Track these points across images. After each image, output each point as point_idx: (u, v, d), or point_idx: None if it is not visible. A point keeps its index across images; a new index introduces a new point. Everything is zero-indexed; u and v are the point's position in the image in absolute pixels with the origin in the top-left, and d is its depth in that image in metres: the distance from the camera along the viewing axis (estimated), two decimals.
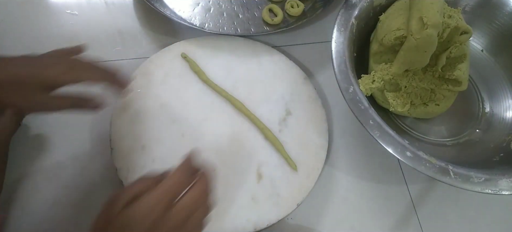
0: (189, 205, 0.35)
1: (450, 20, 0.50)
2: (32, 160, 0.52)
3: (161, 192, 0.33)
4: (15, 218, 0.48)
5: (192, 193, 0.35)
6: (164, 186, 0.34)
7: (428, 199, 0.55)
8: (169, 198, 0.34)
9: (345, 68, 0.50)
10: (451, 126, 0.59)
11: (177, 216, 0.34)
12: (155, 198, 0.33)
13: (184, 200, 0.35)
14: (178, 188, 0.35)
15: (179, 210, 0.34)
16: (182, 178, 0.35)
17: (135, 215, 0.33)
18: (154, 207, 0.33)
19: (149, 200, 0.33)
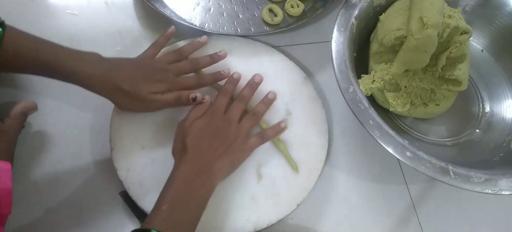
0: (248, 120, 0.50)
1: (450, 20, 0.50)
2: (32, 160, 0.52)
3: (223, 93, 0.52)
4: (15, 218, 0.48)
5: (249, 116, 0.51)
6: (217, 100, 0.51)
7: (428, 199, 0.55)
8: (224, 104, 0.50)
9: (345, 68, 0.50)
10: (451, 126, 0.59)
11: (234, 111, 0.50)
12: (219, 96, 0.51)
13: (244, 119, 0.50)
14: (223, 101, 0.51)
15: (233, 108, 0.50)
16: (222, 96, 0.52)
17: (201, 119, 0.48)
18: (220, 101, 0.50)
19: (211, 108, 0.50)
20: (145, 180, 0.49)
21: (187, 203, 0.41)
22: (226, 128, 0.47)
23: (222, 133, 0.47)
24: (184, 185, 0.42)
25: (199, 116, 0.48)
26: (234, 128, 0.48)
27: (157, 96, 0.49)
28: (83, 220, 0.49)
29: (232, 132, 0.47)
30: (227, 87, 0.52)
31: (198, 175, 0.43)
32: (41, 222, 0.49)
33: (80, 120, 0.55)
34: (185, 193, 0.41)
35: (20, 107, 0.50)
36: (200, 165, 0.44)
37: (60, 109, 0.56)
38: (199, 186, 0.43)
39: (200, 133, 0.46)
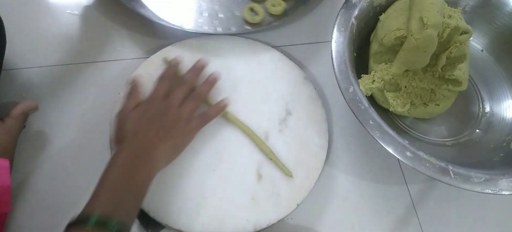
0: (178, 94, 0.49)
1: (450, 20, 0.50)
2: (32, 160, 0.52)
3: (157, 87, 0.50)
4: (15, 218, 0.48)
5: (176, 89, 0.50)
6: (158, 82, 0.50)
7: (428, 199, 0.55)
8: (164, 90, 0.49)
9: (345, 68, 0.50)
10: (451, 126, 0.59)
11: (175, 97, 0.49)
12: (155, 91, 0.49)
13: (173, 91, 0.49)
14: (164, 84, 0.51)
15: (174, 94, 0.49)
16: (166, 71, 0.53)
17: (145, 100, 0.48)
18: (156, 94, 0.49)
19: (152, 93, 0.49)
20: None
21: (126, 188, 0.41)
22: (165, 112, 0.47)
23: (160, 118, 0.46)
24: (121, 172, 0.41)
25: (137, 104, 0.48)
26: (173, 112, 0.47)
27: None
28: None
29: (171, 116, 0.47)
30: (166, 73, 0.52)
31: (135, 162, 0.42)
32: (41, 222, 0.49)
33: (80, 120, 0.55)
34: (123, 179, 0.41)
35: (20, 107, 0.50)
36: (138, 151, 0.43)
37: (60, 109, 0.56)
38: (136, 173, 0.42)
39: (138, 120, 0.46)
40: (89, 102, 0.57)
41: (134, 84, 0.51)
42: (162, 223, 0.48)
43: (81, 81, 0.59)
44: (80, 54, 0.60)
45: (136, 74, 0.56)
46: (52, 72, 0.59)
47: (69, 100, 0.57)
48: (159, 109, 0.47)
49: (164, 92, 0.49)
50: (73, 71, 0.59)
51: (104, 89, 0.58)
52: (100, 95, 0.57)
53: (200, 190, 0.49)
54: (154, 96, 0.49)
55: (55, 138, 0.54)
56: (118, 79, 0.58)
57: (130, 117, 0.46)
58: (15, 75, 0.58)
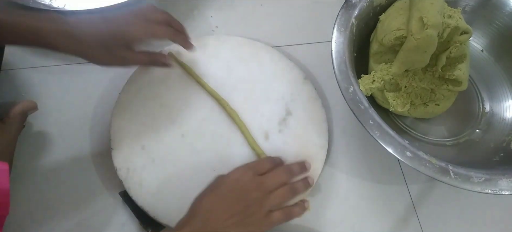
0: (271, 177, 0.44)
1: (450, 20, 0.50)
2: (32, 160, 0.52)
3: (250, 165, 0.44)
4: (15, 218, 0.48)
5: (274, 171, 0.45)
6: (252, 163, 0.45)
7: (428, 199, 0.55)
8: (256, 170, 0.44)
9: (345, 68, 0.50)
10: (451, 126, 0.59)
11: (263, 182, 0.42)
12: (245, 167, 0.44)
13: (269, 173, 0.44)
14: (263, 166, 0.45)
15: (264, 178, 0.43)
16: (266, 161, 0.47)
17: (229, 179, 0.42)
18: (244, 172, 0.43)
19: (240, 169, 0.43)
20: (145, 180, 0.49)
21: None
22: (250, 194, 0.41)
23: (244, 199, 0.41)
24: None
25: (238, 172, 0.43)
26: (260, 198, 0.41)
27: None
28: (83, 220, 0.49)
29: (255, 202, 0.41)
30: (271, 160, 0.47)
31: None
32: (41, 222, 0.49)
33: (80, 120, 0.55)
34: None
35: (20, 107, 0.50)
36: (205, 230, 0.39)
37: (60, 109, 0.56)
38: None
39: (218, 195, 0.41)
40: (89, 102, 0.57)
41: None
42: (162, 223, 0.48)
43: (81, 81, 0.59)
44: None
45: (136, 73, 0.56)
46: (52, 72, 0.59)
47: (69, 100, 0.57)
48: (246, 188, 0.41)
49: (259, 171, 0.44)
50: (73, 71, 0.59)
51: (104, 89, 0.58)
52: (100, 95, 0.57)
53: (200, 191, 0.49)
54: (247, 171, 0.43)
55: (55, 138, 0.54)
56: (118, 79, 0.58)
57: (216, 187, 0.41)
58: (15, 75, 0.58)
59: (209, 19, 0.67)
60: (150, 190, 0.49)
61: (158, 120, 0.54)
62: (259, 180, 0.42)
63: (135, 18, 0.47)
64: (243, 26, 0.67)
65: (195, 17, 0.67)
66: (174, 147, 0.52)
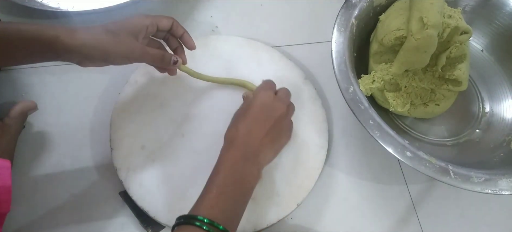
0: (285, 94, 0.48)
1: (450, 20, 0.50)
2: (32, 160, 0.52)
3: (266, 87, 0.48)
4: (15, 218, 0.48)
5: (282, 90, 0.49)
6: (266, 84, 0.48)
7: (428, 199, 0.55)
8: (273, 90, 0.48)
9: (345, 68, 0.50)
10: (451, 126, 0.59)
11: (282, 99, 0.47)
12: (263, 90, 0.46)
13: (280, 92, 0.48)
14: (273, 85, 0.49)
15: (280, 97, 0.47)
16: (271, 81, 0.50)
17: (255, 103, 0.45)
18: (267, 94, 0.46)
19: (261, 93, 0.46)
20: (145, 180, 0.49)
21: (234, 190, 0.40)
22: (277, 112, 0.45)
23: (273, 117, 0.45)
24: (231, 172, 0.41)
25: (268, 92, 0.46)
26: (283, 112, 0.46)
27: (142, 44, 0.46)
28: (83, 220, 0.49)
29: (282, 116, 0.46)
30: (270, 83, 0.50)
31: (245, 163, 0.42)
32: (41, 222, 0.49)
33: (80, 120, 0.55)
34: (232, 181, 0.40)
35: (20, 107, 0.50)
36: (247, 153, 0.42)
37: (60, 109, 0.56)
38: (246, 174, 0.42)
39: (253, 118, 0.44)
40: (89, 102, 0.57)
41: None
42: (162, 223, 0.48)
43: (81, 81, 0.59)
44: None
45: (136, 74, 0.56)
46: (52, 72, 0.59)
47: (69, 100, 0.57)
48: (273, 107, 0.45)
49: (273, 94, 0.47)
50: (73, 71, 0.59)
51: (104, 89, 0.58)
52: (100, 95, 0.57)
53: (200, 190, 0.49)
54: (266, 96, 0.46)
55: (55, 138, 0.54)
56: (118, 79, 0.58)
57: (245, 112, 0.45)
58: (15, 75, 0.58)
59: (209, 19, 0.67)
60: (150, 190, 0.49)
61: (158, 120, 0.54)
62: (279, 97, 0.47)
63: (142, 14, 0.48)
64: (243, 26, 0.67)
65: (195, 17, 0.67)
66: (174, 147, 0.52)
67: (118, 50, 0.43)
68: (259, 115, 0.44)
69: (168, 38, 0.51)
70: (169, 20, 0.49)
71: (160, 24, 0.48)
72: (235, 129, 0.44)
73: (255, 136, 0.43)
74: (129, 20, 0.45)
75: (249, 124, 0.44)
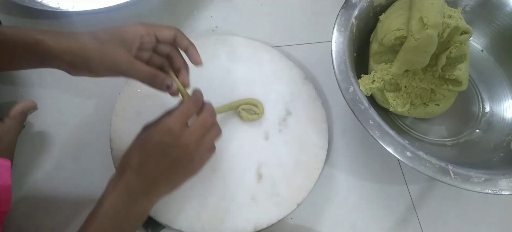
0: (202, 124, 0.40)
1: (450, 20, 0.50)
2: (32, 160, 0.52)
3: (177, 116, 0.39)
4: (15, 218, 0.48)
5: (203, 115, 0.41)
6: (179, 111, 0.39)
7: (428, 199, 0.55)
8: (184, 120, 0.39)
9: (345, 68, 0.50)
10: (451, 126, 0.59)
11: (194, 133, 0.39)
12: (171, 120, 0.38)
13: (198, 120, 0.40)
14: (190, 111, 0.40)
15: (195, 128, 0.39)
16: (191, 104, 0.40)
17: (155, 135, 0.38)
18: (171, 127, 0.38)
19: (166, 123, 0.38)
20: None
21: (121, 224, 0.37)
22: (183, 147, 0.39)
23: (175, 152, 0.39)
24: (112, 214, 0.37)
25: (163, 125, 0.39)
26: (192, 147, 0.39)
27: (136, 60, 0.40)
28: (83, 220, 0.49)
29: (187, 152, 0.39)
30: (190, 107, 0.41)
31: (130, 204, 0.37)
32: (41, 222, 0.49)
33: (80, 120, 0.55)
34: (112, 225, 0.36)
35: (20, 107, 0.50)
36: (136, 189, 0.37)
37: (60, 109, 0.56)
38: (129, 216, 0.38)
39: (148, 147, 0.38)
40: (89, 102, 0.57)
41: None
42: (162, 223, 0.48)
43: (81, 81, 0.58)
44: None
45: None
46: (52, 72, 0.59)
47: (69, 100, 0.57)
48: (176, 143, 0.39)
49: (183, 122, 0.40)
50: None
51: (104, 89, 0.58)
52: (100, 95, 0.57)
53: (200, 190, 0.49)
54: (170, 128, 0.39)
55: (55, 138, 0.54)
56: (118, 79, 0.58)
57: (142, 143, 0.39)
58: (15, 75, 0.58)
59: (209, 19, 0.67)
60: None
61: None
62: (188, 133, 0.39)
63: (139, 22, 0.41)
64: (243, 26, 0.67)
65: (195, 17, 0.67)
66: None
67: (102, 60, 0.38)
68: (155, 153, 0.38)
69: (172, 55, 0.44)
70: (171, 30, 0.42)
71: (160, 34, 0.41)
72: (128, 159, 0.38)
73: (147, 172, 0.38)
74: (122, 28, 0.39)
75: (142, 159, 0.38)
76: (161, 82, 0.41)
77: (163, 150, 0.38)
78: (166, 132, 0.38)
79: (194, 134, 0.39)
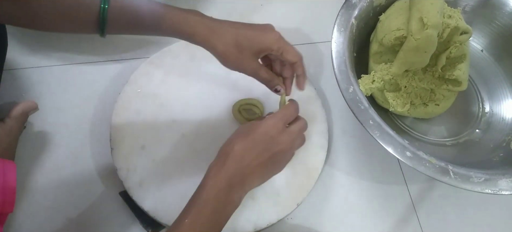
0: (296, 131, 0.44)
1: (450, 20, 0.50)
2: (33, 160, 0.52)
3: (280, 116, 0.44)
4: (15, 218, 0.48)
5: (298, 123, 0.45)
6: (282, 113, 0.44)
7: (428, 199, 0.55)
8: (285, 121, 0.44)
9: (345, 68, 0.50)
10: (451, 126, 0.59)
11: (289, 136, 0.43)
12: (275, 119, 0.43)
13: (296, 124, 0.45)
14: (291, 116, 0.45)
15: (290, 132, 0.44)
16: (293, 111, 0.45)
17: (261, 128, 0.42)
18: (276, 124, 0.43)
19: (271, 120, 0.43)
20: (145, 180, 0.49)
21: (212, 220, 0.39)
22: (278, 144, 0.43)
23: (274, 148, 0.42)
24: (213, 200, 0.39)
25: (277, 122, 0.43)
26: (288, 146, 0.44)
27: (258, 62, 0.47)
28: (83, 220, 0.49)
29: (284, 151, 0.43)
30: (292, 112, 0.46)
31: (229, 191, 0.40)
32: (41, 222, 0.49)
33: (80, 120, 0.55)
34: (212, 209, 0.39)
35: (20, 107, 0.50)
36: (236, 177, 0.40)
37: (60, 109, 0.56)
38: (227, 203, 0.40)
39: (252, 142, 0.42)
40: (89, 102, 0.57)
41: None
42: (162, 223, 0.48)
43: (81, 81, 0.59)
44: (80, 54, 0.60)
45: (136, 74, 0.56)
46: (52, 72, 0.59)
47: (69, 100, 0.57)
48: (276, 141, 0.42)
49: (285, 123, 0.44)
50: (73, 71, 0.59)
51: (104, 89, 0.58)
52: (100, 95, 0.57)
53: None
54: (273, 126, 0.43)
55: (55, 138, 0.54)
56: (118, 79, 0.58)
57: (247, 134, 0.42)
58: (15, 75, 0.58)
59: None
60: (150, 190, 0.49)
61: (158, 120, 0.54)
62: (287, 132, 0.44)
63: (272, 30, 0.47)
64: None
65: None
66: (174, 147, 0.52)
67: (235, 64, 0.46)
68: (259, 144, 0.42)
69: (285, 65, 0.50)
70: (296, 57, 0.47)
71: (286, 56, 0.47)
72: (231, 147, 0.42)
73: (248, 163, 0.41)
74: (261, 37, 0.46)
75: (246, 148, 0.41)
76: (274, 85, 0.48)
77: (267, 142, 0.42)
78: (272, 126, 0.43)
79: (292, 134, 0.44)
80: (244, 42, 0.45)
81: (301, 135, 0.46)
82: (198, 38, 0.45)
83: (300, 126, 0.46)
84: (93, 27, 0.42)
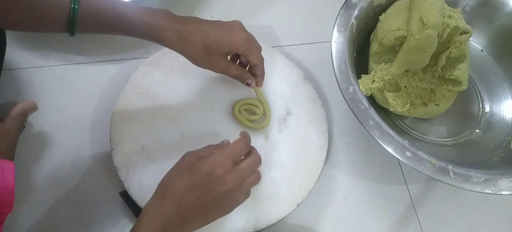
0: (247, 168, 0.41)
1: (450, 20, 0.50)
2: (32, 160, 0.52)
3: (228, 153, 0.40)
4: (15, 218, 0.48)
5: (250, 159, 0.42)
6: (231, 149, 0.40)
7: (428, 199, 0.55)
8: (234, 158, 0.40)
9: (345, 68, 0.50)
10: (451, 126, 0.59)
11: (237, 175, 0.40)
12: (223, 155, 0.39)
13: (247, 161, 0.41)
14: (241, 152, 0.41)
15: (239, 170, 0.40)
16: (243, 146, 0.42)
17: (205, 165, 0.38)
18: (223, 162, 0.39)
19: (218, 156, 0.39)
20: (145, 180, 0.49)
21: None
22: (228, 185, 0.39)
23: (220, 189, 0.39)
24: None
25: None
26: (236, 187, 0.40)
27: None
28: (83, 220, 0.49)
29: (231, 191, 0.39)
30: (243, 148, 0.42)
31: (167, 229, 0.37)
32: (41, 222, 0.49)
33: (80, 120, 0.55)
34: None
35: (20, 107, 0.50)
36: (175, 216, 0.37)
37: (60, 109, 0.56)
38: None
39: (193, 181, 0.38)
40: (89, 102, 0.57)
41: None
42: None
43: (81, 81, 0.59)
44: (80, 54, 0.60)
45: (136, 74, 0.56)
46: (52, 72, 0.59)
47: (69, 100, 0.57)
48: (223, 180, 0.39)
49: (234, 160, 0.40)
50: (73, 71, 0.59)
51: (104, 89, 0.58)
52: (100, 95, 0.57)
53: None
54: (219, 164, 0.39)
55: (55, 138, 0.54)
56: (118, 79, 0.58)
57: (190, 171, 0.39)
58: (15, 75, 0.58)
59: (209, 19, 0.67)
60: (150, 190, 0.48)
61: (158, 120, 0.54)
62: (236, 171, 0.40)
63: (240, 30, 0.49)
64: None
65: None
66: (174, 147, 0.52)
67: (205, 65, 0.49)
68: (202, 184, 0.38)
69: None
70: (257, 60, 0.50)
71: (249, 57, 0.50)
72: (171, 183, 0.39)
73: (188, 204, 0.37)
74: (229, 39, 0.47)
75: (187, 187, 0.38)
76: (245, 80, 0.51)
77: (211, 182, 0.38)
78: (218, 164, 0.39)
79: (240, 173, 0.40)
80: (212, 45, 0.47)
81: (253, 171, 0.42)
82: (167, 43, 0.46)
83: (251, 162, 0.41)
84: (62, 27, 0.42)
